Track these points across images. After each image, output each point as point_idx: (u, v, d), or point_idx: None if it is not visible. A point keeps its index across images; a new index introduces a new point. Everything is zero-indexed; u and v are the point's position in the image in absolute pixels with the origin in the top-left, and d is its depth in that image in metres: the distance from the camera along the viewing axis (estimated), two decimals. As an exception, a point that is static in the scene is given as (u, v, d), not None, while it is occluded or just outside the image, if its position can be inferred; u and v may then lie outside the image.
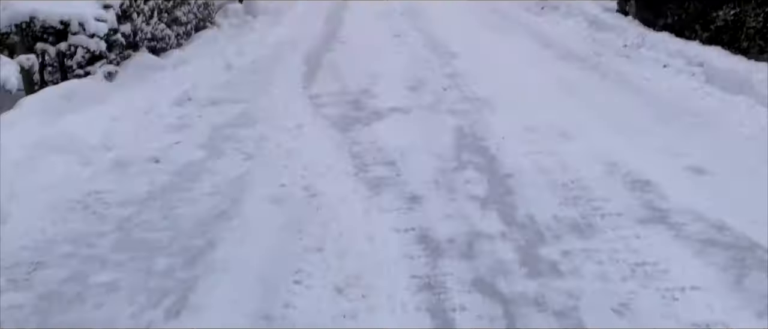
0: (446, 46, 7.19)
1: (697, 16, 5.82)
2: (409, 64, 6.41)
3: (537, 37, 7.44)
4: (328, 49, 7.35)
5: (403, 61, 6.55)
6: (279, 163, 3.80)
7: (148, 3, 5.50)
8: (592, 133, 4.13)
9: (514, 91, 5.23)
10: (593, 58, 6.25)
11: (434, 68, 6.20)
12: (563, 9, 8.43)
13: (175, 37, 6.32)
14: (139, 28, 5.31)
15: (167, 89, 5.16)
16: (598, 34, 7.10)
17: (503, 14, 9.32)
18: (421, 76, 5.89)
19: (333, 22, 9.28)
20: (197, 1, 7.04)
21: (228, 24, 7.98)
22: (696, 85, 4.98)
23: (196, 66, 6.03)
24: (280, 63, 6.61)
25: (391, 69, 6.22)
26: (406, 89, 5.50)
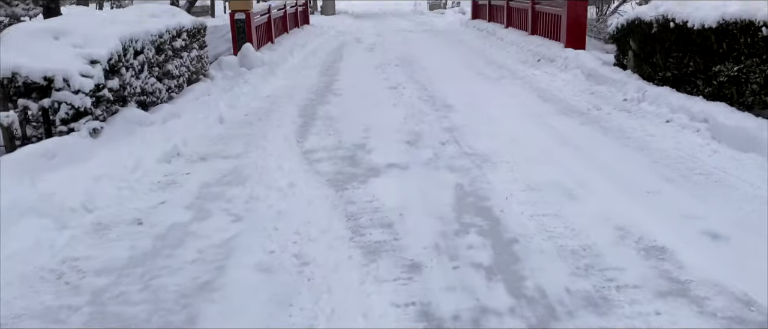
0: (443, 98, 7.08)
1: (698, 71, 5.73)
2: (406, 118, 6.27)
3: (535, 90, 7.35)
4: (324, 101, 7.23)
5: (399, 114, 6.41)
6: (269, 226, 3.58)
7: (138, 57, 5.36)
8: (599, 192, 3.95)
9: (515, 146, 5.06)
10: (593, 112, 6.14)
11: (431, 122, 6.06)
12: (560, 62, 8.39)
13: (166, 91, 6.17)
14: (127, 83, 5.15)
15: (155, 145, 4.98)
16: (597, 88, 7.02)
17: (499, 66, 9.28)
18: (418, 130, 5.74)
19: (329, 73, 9.23)
20: (190, 55, 6.93)
21: (222, 76, 7.87)
22: (702, 142, 4.83)
23: (186, 120, 5.87)
24: (274, 116, 6.46)
25: (387, 122, 6.08)
26: (404, 143, 5.33)
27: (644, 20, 6.66)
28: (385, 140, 5.42)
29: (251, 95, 7.34)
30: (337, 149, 5.23)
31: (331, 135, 5.68)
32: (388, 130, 5.78)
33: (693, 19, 5.65)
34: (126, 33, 5.22)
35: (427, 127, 5.87)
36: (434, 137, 5.47)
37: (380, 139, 5.49)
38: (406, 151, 5.11)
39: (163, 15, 6.58)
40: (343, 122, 6.15)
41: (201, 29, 7.41)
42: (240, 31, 9.16)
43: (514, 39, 11.21)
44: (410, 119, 6.19)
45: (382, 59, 10.63)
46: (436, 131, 5.68)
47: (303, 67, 9.82)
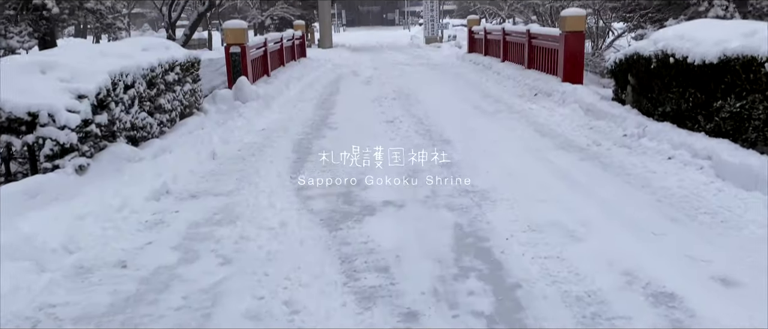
0: (440, 132, 6.98)
1: (698, 107, 5.66)
2: (402, 152, 6.14)
3: (533, 124, 7.26)
4: (319, 135, 7.12)
5: (396, 149, 6.28)
6: (259, 269, 3.41)
7: (128, 92, 5.25)
8: (602, 233, 3.80)
9: (514, 183, 4.93)
10: (593, 147, 6.03)
11: (428, 157, 5.93)
12: (557, 96, 8.33)
13: (157, 126, 6.05)
14: (117, 118, 5.03)
15: (144, 182, 4.82)
16: (596, 123, 6.93)
17: (496, 100, 9.23)
18: (414, 166, 5.61)
19: (325, 107, 9.14)
20: (183, 88, 6.84)
21: (216, 110, 7.77)
22: (706, 179, 4.71)
23: (178, 155, 5.73)
24: (267, 151, 6.33)
25: (383, 156, 5.94)
26: (400, 179, 5.20)
27: (643, 55, 6.61)
28: (381, 176, 5.28)
29: (245, 129, 7.22)
30: (331, 185, 5.09)
31: (326, 171, 5.54)
32: (385, 165, 5.65)
33: (693, 55, 5.59)
34: (116, 67, 5.12)
35: (424, 162, 5.74)
36: (432, 173, 5.33)
37: (376, 175, 5.34)
38: (402, 188, 4.97)
39: (156, 48, 6.50)
40: (339, 158, 6.00)
41: (194, 63, 7.33)
42: (235, 64, 9.10)
43: (511, 73, 11.20)
44: (407, 154, 6.06)
45: (378, 93, 10.59)
46: (433, 167, 5.56)
47: (299, 100, 9.75)
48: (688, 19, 13.39)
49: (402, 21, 57.20)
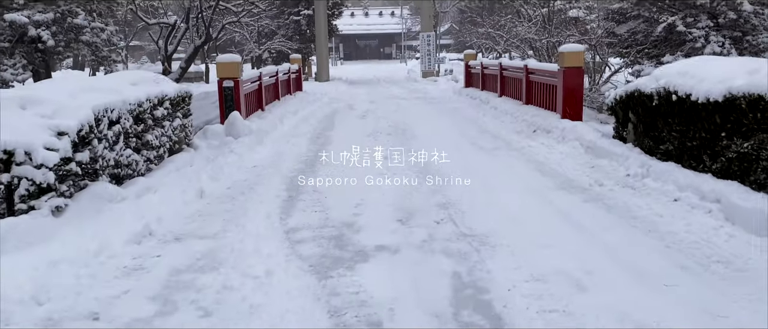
0: (437, 170, 6.77)
1: (703, 146, 5.47)
2: (398, 191, 5.93)
3: (532, 162, 7.06)
4: (312, 173, 6.90)
5: (391, 188, 6.07)
6: (240, 323, 3.15)
7: (113, 128, 5.04)
8: (611, 283, 3.56)
9: (515, 226, 4.71)
10: (595, 188, 5.82)
11: (425, 196, 5.72)
12: (556, 133, 8.16)
13: (144, 163, 5.83)
14: (99, 156, 4.81)
15: (125, 224, 4.58)
16: (597, 161, 6.74)
17: (494, 136, 9.05)
18: (410, 206, 5.38)
19: (319, 142, 8.95)
20: (172, 124, 6.64)
21: (206, 145, 7.56)
22: (715, 224, 4.49)
23: (163, 195, 5.49)
24: (258, 189, 6.10)
25: (378, 197, 5.74)
26: (395, 221, 4.96)
27: (644, 92, 6.46)
28: (375, 218, 5.06)
29: (236, 166, 7.00)
30: (322, 227, 4.85)
31: (318, 212, 5.31)
32: (379, 205, 5.43)
33: (697, 92, 5.43)
34: (101, 102, 4.93)
35: (420, 202, 5.52)
36: (428, 214, 5.11)
37: (370, 216, 5.13)
38: (397, 230, 4.74)
39: (145, 82, 6.33)
40: (332, 197, 5.80)
41: (185, 97, 7.16)
42: (228, 98, 8.94)
43: (508, 108, 11.07)
44: (402, 193, 5.85)
45: (374, 127, 10.42)
46: (430, 207, 5.34)
47: (293, 135, 9.56)
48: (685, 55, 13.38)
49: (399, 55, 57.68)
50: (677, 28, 13.22)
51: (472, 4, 37.88)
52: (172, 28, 16.99)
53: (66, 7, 14.49)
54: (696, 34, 13.12)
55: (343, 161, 7.44)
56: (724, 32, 13.41)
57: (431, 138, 9.01)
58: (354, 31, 60.18)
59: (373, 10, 67.17)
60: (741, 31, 13.63)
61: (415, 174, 6.63)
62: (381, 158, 7.60)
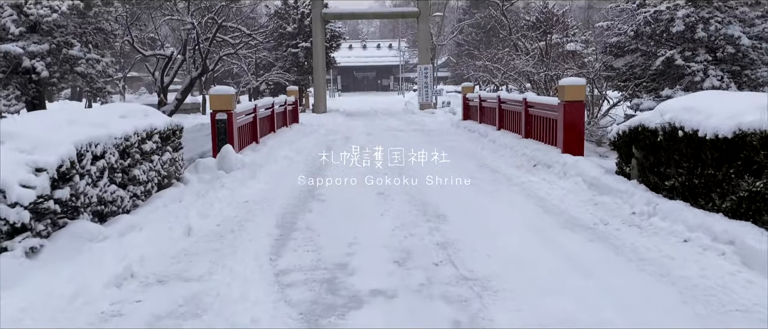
0: (435, 207, 6.53)
1: (712, 184, 5.26)
2: (395, 230, 5.68)
3: (533, 199, 6.83)
4: (305, 208, 6.65)
5: (387, 226, 5.83)
6: (221, 382, 2.87)
7: (97, 163, 4.81)
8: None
9: (518, 269, 4.45)
10: (600, 227, 5.58)
11: (423, 235, 5.47)
12: (557, 168, 7.95)
13: (129, 199, 5.58)
14: (81, 193, 4.57)
15: (105, 265, 4.31)
16: (601, 199, 6.51)
17: (493, 170, 8.84)
18: (408, 246, 5.13)
19: (313, 177, 8.71)
20: (161, 158, 6.42)
21: (197, 180, 7.33)
22: (731, 268, 4.24)
23: (149, 233, 5.23)
24: (248, 226, 5.85)
25: (373, 235, 5.49)
26: (391, 263, 4.70)
27: (648, 127, 6.28)
28: (371, 259, 4.81)
29: (227, 201, 6.75)
30: (314, 269, 4.59)
31: (310, 251, 5.05)
32: (375, 245, 5.18)
33: (705, 128, 5.24)
34: (84, 136, 4.71)
35: (418, 241, 5.27)
36: (426, 256, 4.85)
37: (365, 256, 4.87)
38: (393, 273, 4.47)
39: (134, 115, 6.13)
40: (325, 235, 5.54)
41: (176, 130, 6.95)
42: (220, 131, 8.74)
43: (508, 142, 10.89)
44: (399, 232, 5.60)
45: (370, 161, 10.21)
46: (428, 248, 5.08)
47: (287, 169, 9.33)
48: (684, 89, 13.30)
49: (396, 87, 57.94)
50: (676, 61, 13.17)
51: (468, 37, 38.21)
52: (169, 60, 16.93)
53: (62, 39, 14.41)
54: (694, 67, 13.07)
55: (338, 197, 7.20)
56: (723, 66, 13.37)
57: (428, 174, 8.79)
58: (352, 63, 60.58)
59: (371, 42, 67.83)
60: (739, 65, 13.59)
61: (413, 212, 6.38)
62: (377, 193, 7.37)
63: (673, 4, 13.48)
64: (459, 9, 43.46)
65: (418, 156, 10.53)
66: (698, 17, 13.16)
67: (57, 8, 13.82)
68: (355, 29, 78.55)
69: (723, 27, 12.94)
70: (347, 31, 57.89)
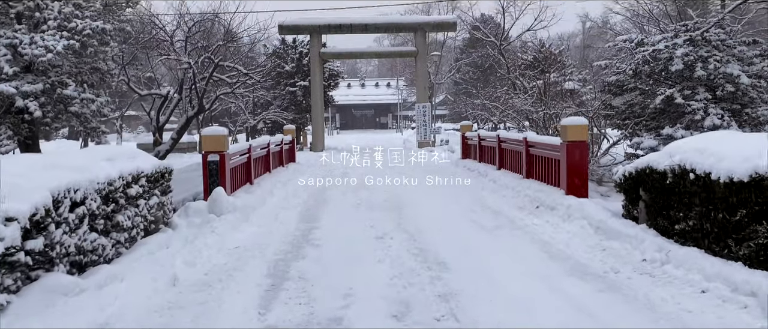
0: (435, 253, 6.22)
1: (727, 229, 4.98)
2: (393, 278, 5.36)
3: (538, 243, 6.53)
4: (299, 255, 6.33)
5: (385, 274, 5.51)
6: None
7: (76, 210, 4.53)
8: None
9: (525, 321, 4.14)
10: (610, 275, 5.27)
11: (423, 284, 5.15)
12: (561, 211, 7.67)
13: (112, 247, 5.28)
14: (57, 242, 4.28)
15: (79, 322, 3.98)
16: (609, 244, 6.22)
17: (495, 212, 8.55)
18: (407, 297, 4.81)
19: (309, 218, 8.42)
20: (148, 202, 6.14)
21: (187, 224, 7.03)
22: (755, 322, 3.93)
23: (131, 283, 4.91)
24: (238, 275, 5.53)
25: (370, 285, 5.16)
26: (389, 317, 4.38)
27: (656, 169, 6.04)
28: (367, 312, 4.48)
29: (217, 247, 6.44)
30: (306, 324, 4.26)
31: (303, 304, 4.72)
32: (372, 296, 4.85)
33: (718, 171, 5.00)
34: (62, 182, 4.44)
35: (418, 291, 4.95)
36: (427, 308, 4.53)
37: (361, 310, 4.55)
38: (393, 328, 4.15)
39: (121, 158, 5.87)
40: (319, 285, 5.22)
41: (165, 173, 6.69)
42: (212, 173, 8.47)
43: (508, 182, 10.63)
44: (398, 281, 5.28)
45: (368, 201, 9.92)
46: (429, 299, 4.76)
47: (281, 211, 9.03)
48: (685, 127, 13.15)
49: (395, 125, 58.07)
50: (675, 100, 13.07)
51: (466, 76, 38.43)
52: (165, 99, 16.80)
53: (57, 78, 14.28)
54: (695, 106, 12.95)
55: (334, 242, 6.90)
56: (723, 105, 13.26)
57: (428, 214, 8.51)
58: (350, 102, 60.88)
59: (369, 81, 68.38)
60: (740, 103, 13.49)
61: (412, 256, 6.08)
62: (375, 237, 7.06)
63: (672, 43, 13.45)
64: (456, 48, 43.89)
65: (416, 197, 10.27)
66: (697, 56, 13.11)
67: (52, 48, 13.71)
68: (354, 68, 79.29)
69: (722, 66, 12.88)
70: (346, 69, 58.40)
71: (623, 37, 15.64)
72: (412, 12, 38.63)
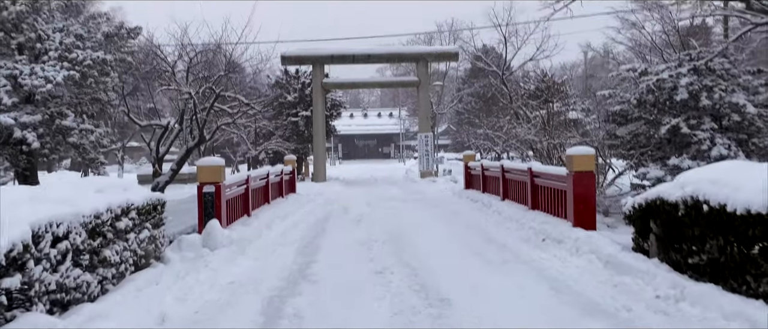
0: (437, 289, 5.94)
1: (745, 264, 4.72)
2: (393, 317, 5.08)
3: (545, 279, 6.24)
4: (295, 291, 6.06)
5: (385, 312, 5.23)
6: None
7: (58, 245, 4.30)
8: None
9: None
10: (622, 313, 4.98)
11: (425, 324, 4.87)
12: (569, 244, 7.39)
13: (98, 284, 5.02)
14: (36, 280, 4.03)
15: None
16: (619, 279, 5.93)
17: (500, 246, 8.26)
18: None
19: (307, 252, 8.15)
20: (139, 236, 5.90)
21: (179, 259, 6.77)
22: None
23: (116, 323, 4.64)
24: (229, 313, 5.25)
25: (369, 323, 4.90)
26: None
27: (668, 201, 5.79)
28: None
29: (209, 283, 6.17)
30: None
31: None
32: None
33: (734, 203, 4.75)
34: (43, 216, 4.22)
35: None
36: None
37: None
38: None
39: (111, 190, 5.67)
40: (315, 324, 4.94)
41: (157, 205, 6.47)
42: (207, 205, 8.23)
43: (513, 214, 10.36)
44: (398, 319, 5.00)
45: (368, 234, 9.65)
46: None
47: (279, 244, 8.77)
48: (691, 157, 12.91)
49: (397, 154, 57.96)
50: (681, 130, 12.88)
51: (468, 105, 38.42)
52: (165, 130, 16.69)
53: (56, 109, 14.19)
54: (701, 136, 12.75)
55: (332, 278, 6.62)
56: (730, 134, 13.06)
57: (431, 248, 8.24)
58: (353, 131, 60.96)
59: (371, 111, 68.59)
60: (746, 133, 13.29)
61: (413, 294, 5.79)
62: (374, 272, 6.79)
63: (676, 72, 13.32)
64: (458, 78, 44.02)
65: (419, 229, 10.01)
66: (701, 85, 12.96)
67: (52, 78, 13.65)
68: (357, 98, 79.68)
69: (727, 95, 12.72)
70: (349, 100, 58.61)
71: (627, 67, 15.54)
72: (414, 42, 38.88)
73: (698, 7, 15.07)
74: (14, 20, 14.32)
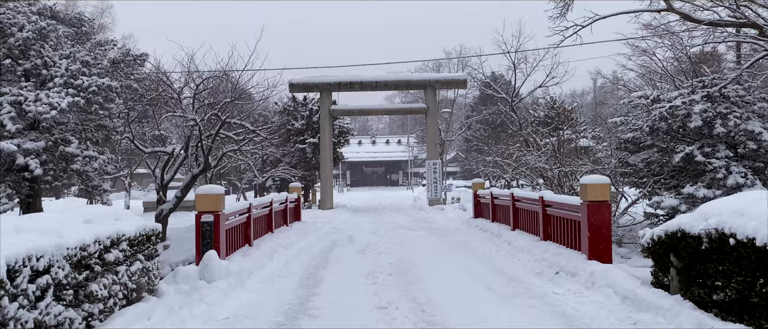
0: (445, 327, 5.59)
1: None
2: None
3: (560, 316, 5.86)
4: (294, 327, 5.72)
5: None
6: None
7: (38, 280, 4.02)
8: None
9: None
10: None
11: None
12: (584, 277, 7.02)
13: (82, 320, 4.72)
14: (11, 318, 3.74)
15: None
16: (639, 316, 5.56)
17: (511, 278, 7.89)
18: (411, 382, 4.17)
19: (309, 284, 7.81)
20: (130, 268, 5.61)
21: (174, 291, 6.46)
22: None
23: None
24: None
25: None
26: None
27: (690, 233, 5.45)
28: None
29: (204, 318, 5.85)
30: None
31: (291, 390, 4.10)
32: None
33: (762, 236, 4.41)
34: (22, 248, 3.95)
35: (423, 375, 4.32)
36: (433, 398, 3.89)
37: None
38: None
39: (102, 219, 5.40)
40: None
41: (151, 236, 6.18)
42: (205, 235, 7.93)
43: (524, 244, 9.98)
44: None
45: (374, 265, 9.30)
46: (436, 385, 4.12)
47: (280, 275, 8.44)
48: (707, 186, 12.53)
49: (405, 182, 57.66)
50: (695, 157, 12.53)
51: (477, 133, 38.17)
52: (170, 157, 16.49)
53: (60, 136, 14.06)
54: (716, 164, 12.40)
55: (333, 314, 6.28)
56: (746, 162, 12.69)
57: (439, 280, 7.87)
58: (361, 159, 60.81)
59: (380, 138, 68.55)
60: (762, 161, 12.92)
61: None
62: (379, 308, 6.43)
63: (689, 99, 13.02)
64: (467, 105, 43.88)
65: (426, 260, 9.65)
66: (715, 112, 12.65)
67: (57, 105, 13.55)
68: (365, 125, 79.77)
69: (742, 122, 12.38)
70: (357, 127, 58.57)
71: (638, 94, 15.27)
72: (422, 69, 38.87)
73: (710, 34, 14.82)
74: (21, 46, 14.32)
